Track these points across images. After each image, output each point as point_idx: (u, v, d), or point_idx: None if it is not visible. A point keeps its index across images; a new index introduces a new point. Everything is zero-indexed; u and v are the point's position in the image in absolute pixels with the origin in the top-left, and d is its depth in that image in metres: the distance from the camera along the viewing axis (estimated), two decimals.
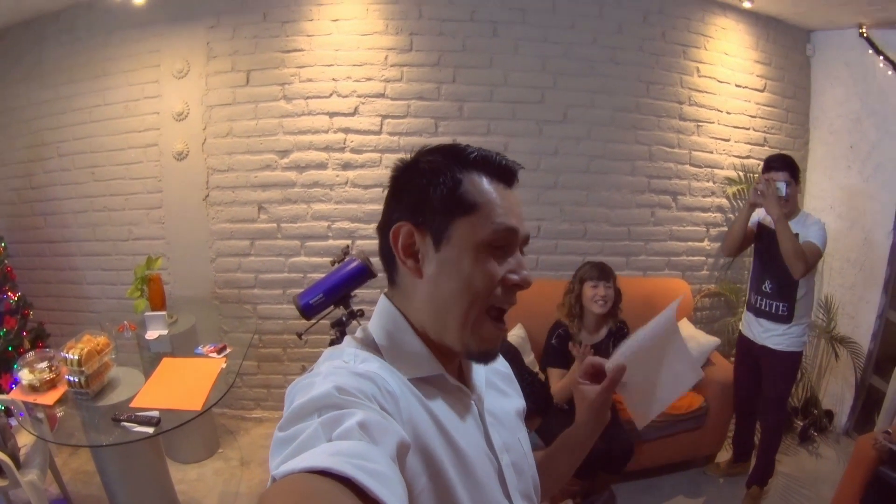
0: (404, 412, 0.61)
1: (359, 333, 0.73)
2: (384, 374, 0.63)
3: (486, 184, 0.67)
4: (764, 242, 2.44)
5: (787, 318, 2.39)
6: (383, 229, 0.70)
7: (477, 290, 0.65)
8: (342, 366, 0.62)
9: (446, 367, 0.71)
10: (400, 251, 0.68)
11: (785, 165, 2.30)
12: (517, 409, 0.83)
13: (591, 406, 0.84)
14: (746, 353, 2.58)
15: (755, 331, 2.50)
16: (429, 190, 0.67)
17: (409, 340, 0.69)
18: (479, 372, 0.78)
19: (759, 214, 2.47)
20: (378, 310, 0.73)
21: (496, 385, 0.82)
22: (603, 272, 2.33)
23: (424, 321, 0.69)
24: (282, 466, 0.44)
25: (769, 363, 2.46)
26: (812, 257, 2.23)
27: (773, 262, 2.36)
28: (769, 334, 2.43)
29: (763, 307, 2.45)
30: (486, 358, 0.70)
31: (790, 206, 2.30)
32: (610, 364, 0.83)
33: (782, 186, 2.25)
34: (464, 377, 0.75)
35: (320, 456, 0.44)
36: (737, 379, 2.67)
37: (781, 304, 2.39)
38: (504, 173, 0.69)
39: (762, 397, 2.54)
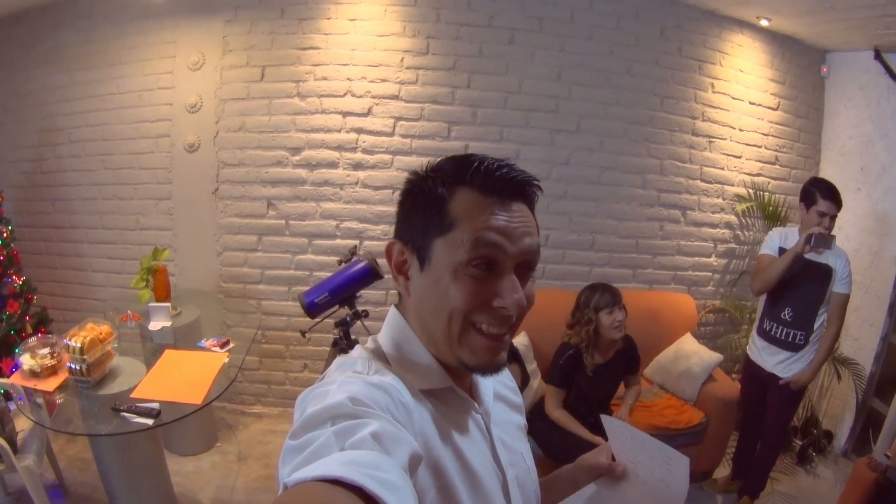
0: (416, 424, 0.61)
1: (369, 343, 0.72)
2: (398, 385, 0.63)
3: (473, 200, 0.63)
4: (788, 271, 2.37)
5: (801, 347, 2.38)
6: None
7: (452, 307, 0.62)
8: (356, 375, 0.62)
9: (457, 379, 0.70)
10: (393, 268, 0.69)
11: (840, 201, 2.27)
12: (519, 424, 0.83)
13: (593, 472, 0.88)
14: (755, 378, 2.56)
15: (766, 359, 2.48)
16: (415, 209, 0.66)
17: (418, 352, 0.68)
18: (487, 385, 0.77)
19: (780, 240, 2.45)
20: (388, 321, 0.72)
21: (503, 397, 0.81)
22: (615, 295, 2.29)
23: (421, 336, 0.68)
24: (294, 474, 0.44)
25: (777, 390, 2.44)
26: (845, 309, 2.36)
27: (796, 291, 2.36)
28: (781, 364, 2.42)
29: (779, 335, 2.42)
30: (485, 370, 0.66)
31: None
32: (620, 460, 0.88)
33: (833, 240, 2.22)
34: (473, 391, 0.75)
35: (333, 465, 0.44)
36: (744, 402, 2.65)
37: (799, 333, 2.38)
38: (505, 187, 0.63)
39: (766, 419, 2.54)
